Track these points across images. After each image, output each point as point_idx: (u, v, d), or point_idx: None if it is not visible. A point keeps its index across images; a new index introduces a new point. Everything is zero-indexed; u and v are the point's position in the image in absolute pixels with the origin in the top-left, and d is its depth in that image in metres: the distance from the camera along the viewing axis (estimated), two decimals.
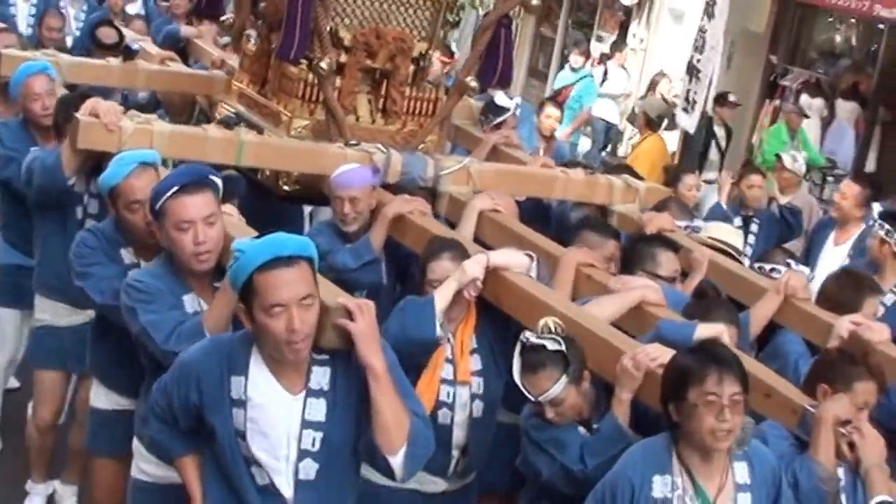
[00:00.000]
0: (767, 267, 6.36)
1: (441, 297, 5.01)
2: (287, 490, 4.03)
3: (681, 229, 6.57)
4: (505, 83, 7.01)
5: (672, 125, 13.54)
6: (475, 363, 5.21)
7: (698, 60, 11.72)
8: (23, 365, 7.01)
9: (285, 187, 6.54)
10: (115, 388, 5.34)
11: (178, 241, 4.57)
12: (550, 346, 4.57)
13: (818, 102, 15.68)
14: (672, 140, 16.24)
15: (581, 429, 4.61)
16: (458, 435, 5.19)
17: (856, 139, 15.26)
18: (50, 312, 6.18)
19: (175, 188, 4.58)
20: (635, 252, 5.87)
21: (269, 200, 6.64)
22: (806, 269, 6.42)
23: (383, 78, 6.71)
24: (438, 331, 4.96)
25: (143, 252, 5.06)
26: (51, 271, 5.98)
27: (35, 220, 6.11)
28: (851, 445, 4.50)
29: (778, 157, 10.79)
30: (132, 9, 12.72)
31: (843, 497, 4.68)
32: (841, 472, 4.62)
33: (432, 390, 5.13)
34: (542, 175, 6.87)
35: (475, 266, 5.08)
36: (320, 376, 4.01)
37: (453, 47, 15.96)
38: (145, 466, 4.75)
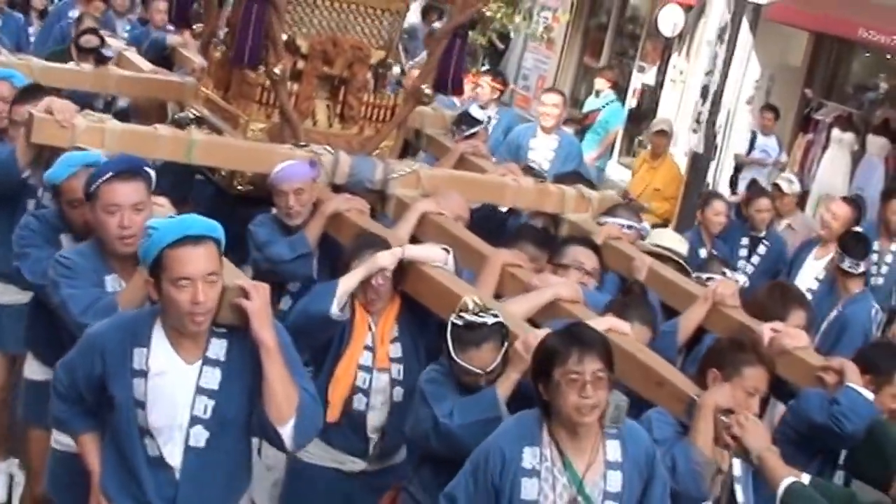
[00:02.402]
0: (704, 276, 6.66)
1: (346, 281, 5.44)
2: (176, 457, 4.39)
3: (625, 229, 6.94)
4: (456, 92, 7.35)
5: None
6: (395, 350, 5.60)
7: (709, 82, 11.97)
8: None
9: (239, 187, 6.99)
10: (48, 361, 5.58)
11: (105, 224, 5.00)
12: (490, 320, 4.94)
13: (849, 137, 15.81)
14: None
15: None
16: (374, 419, 5.57)
17: (885, 175, 15.36)
18: (8, 294, 6.53)
19: (109, 174, 5.02)
20: (552, 251, 6.25)
21: (231, 204, 7.04)
22: (742, 278, 6.71)
23: (342, 84, 7.12)
24: (334, 308, 5.35)
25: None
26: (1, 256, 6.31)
27: None
28: (735, 438, 4.76)
29: (775, 184, 11.18)
30: None
31: (738, 488, 5.00)
32: (737, 463, 4.93)
33: (349, 376, 5.53)
34: (491, 182, 7.22)
35: (387, 256, 5.50)
36: (217, 347, 4.41)
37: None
38: (59, 437, 5.13)
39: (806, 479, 4.73)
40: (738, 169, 15.72)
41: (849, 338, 8.04)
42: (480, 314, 4.93)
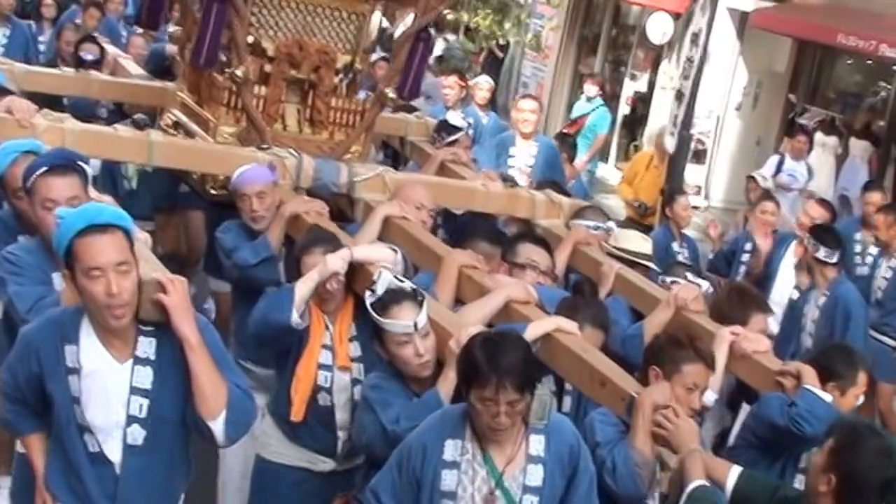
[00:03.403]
0: (668, 280, 6.46)
1: (301, 287, 5.24)
2: (116, 455, 4.22)
3: (591, 229, 6.79)
4: (413, 95, 7.15)
5: None
6: (355, 350, 5.41)
7: (684, 87, 11.78)
8: None
9: (212, 191, 6.81)
10: None
11: (43, 220, 4.79)
12: (406, 285, 4.84)
13: (832, 140, 15.73)
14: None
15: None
16: (342, 417, 5.39)
17: (869, 176, 15.17)
18: None
19: (43, 168, 4.82)
20: (505, 248, 6.07)
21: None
22: (704, 283, 6.54)
23: (311, 89, 6.93)
24: (294, 317, 5.18)
25: None
26: None
27: None
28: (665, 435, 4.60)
29: (751, 176, 11.26)
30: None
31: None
32: None
33: (309, 375, 5.35)
34: (461, 187, 7.05)
35: (337, 260, 5.30)
36: (146, 346, 4.21)
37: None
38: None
39: (736, 472, 4.62)
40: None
41: (855, 319, 8.12)
42: (393, 283, 4.83)
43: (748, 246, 9.69)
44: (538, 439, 4.31)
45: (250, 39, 6.64)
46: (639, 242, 6.81)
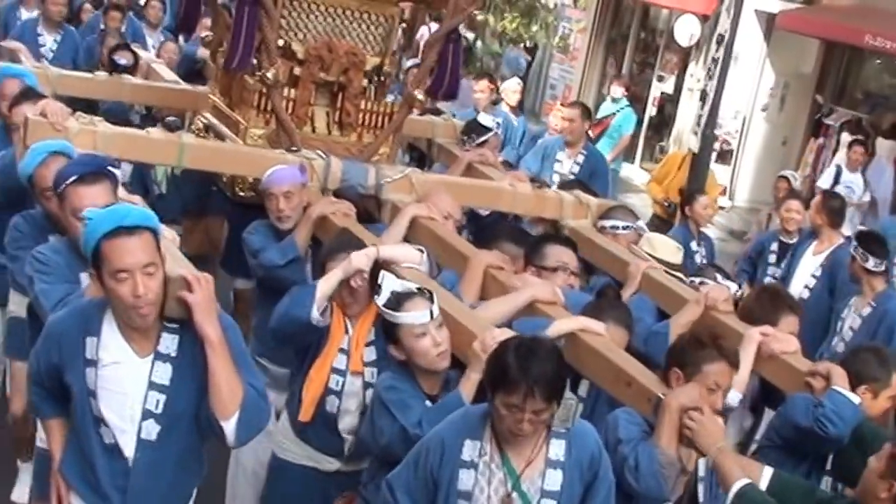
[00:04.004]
0: (697, 281, 6.38)
1: (324, 284, 5.20)
2: (129, 450, 4.19)
3: (621, 229, 6.73)
4: (450, 97, 7.08)
5: None
6: (370, 354, 5.34)
7: (709, 87, 11.73)
8: None
9: (241, 193, 6.79)
10: None
11: (73, 227, 4.75)
12: (410, 285, 4.81)
13: None
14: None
15: (428, 403, 4.71)
16: (347, 420, 5.34)
17: (895, 176, 15.05)
18: (17, 304, 6.33)
19: (74, 177, 4.78)
20: (530, 250, 5.99)
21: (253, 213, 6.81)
22: (732, 285, 6.45)
23: (340, 91, 6.88)
24: (314, 314, 5.13)
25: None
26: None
27: (2, 217, 6.23)
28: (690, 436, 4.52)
29: (783, 176, 11.19)
30: None
31: (700, 488, 4.79)
32: (702, 464, 4.71)
33: (322, 377, 5.30)
34: (488, 188, 6.98)
35: (362, 258, 5.25)
36: (169, 342, 4.18)
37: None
38: (42, 435, 4.89)
39: (768, 473, 4.54)
40: None
41: None
42: (404, 286, 4.79)
43: (774, 246, 9.67)
44: (559, 444, 4.24)
45: (280, 42, 6.59)
46: (671, 251, 6.73)
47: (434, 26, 12.58)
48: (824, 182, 13.75)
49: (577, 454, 4.24)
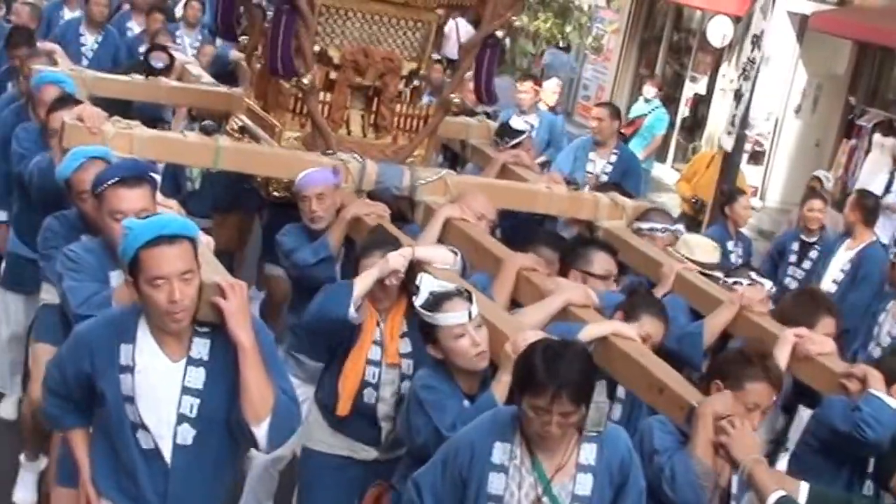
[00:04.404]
0: (731, 281, 6.33)
1: (361, 283, 5.20)
2: (166, 454, 4.18)
3: (658, 231, 6.69)
4: (487, 101, 7.06)
5: None
6: (405, 346, 5.35)
7: (748, 89, 11.66)
8: None
9: (275, 193, 6.79)
10: None
11: (110, 228, 4.78)
12: (449, 286, 4.79)
13: (890, 141, 15.41)
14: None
15: (466, 402, 4.67)
16: (384, 409, 5.34)
17: None
18: (51, 294, 6.25)
19: (115, 179, 4.80)
20: (571, 253, 5.93)
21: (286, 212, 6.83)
22: (767, 283, 6.39)
23: (375, 95, 6.87)
24: (351, 312, 5.13)
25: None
26: None
27: (39, 216, 6.18)
28: (724, 446, 4.43)
29: (816, 176, 11.19)
30: None
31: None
32: (735, 481, 4.57)
33: (357, 371, 5.30)
34: (523, 189, 6.94)
35: (398, 258, 5.26)
36: (201, 346, 4.18)
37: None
38: None
39: (805, 488, 4.41)
40: None
41: None
42: (440, 286, 4.78)
43: (795, 245, 9.67)
44: (590, 448, 4.19)
45: (317, 48, 6.58)
46: (708, 251, 6.68)
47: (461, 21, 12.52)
48: (876, 188, 13.67)
49: (608, 458, 4.19)
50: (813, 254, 9.58)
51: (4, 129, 7.43)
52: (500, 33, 6.95)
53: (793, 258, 9.61)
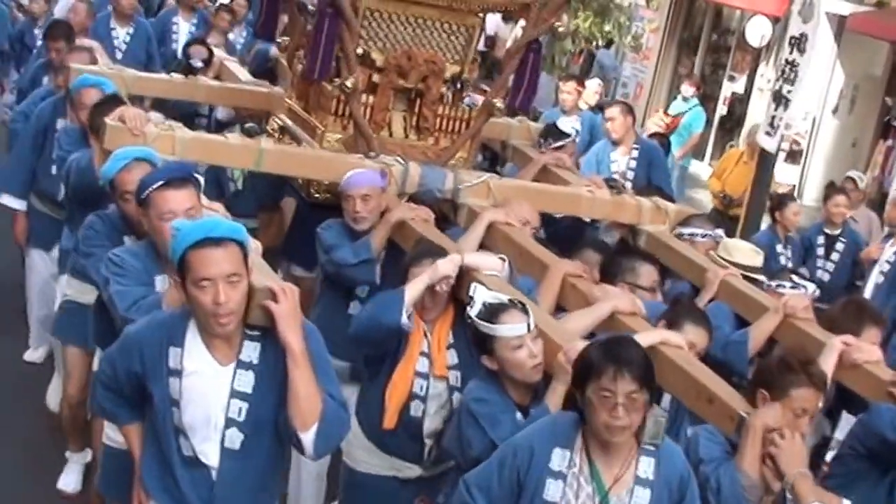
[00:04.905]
0: (774, 284, 6.23)
1: (411, 290, 5.12)
2: (213, 458, 4.13)
3: (699, 237, 6.60)
4: (523, 106, 6.98)
5: None
6: (451, 357, 5.27)
7: (788, 91, 11.50)
8: None
9: (316, 195, 6.72)
10: None
11: (159, 230, 4.73)
12: (503, 297, 4.72)
13: None
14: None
15: (518, 414, 4.59)
16: (430, 425, 5.25)
17: None
18: (76, 289, 6.36)
19: (161, 182, 4.76)
20: (615, 263, 5.86)
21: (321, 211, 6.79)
22: (810, 286, 6.30)
23: (418, 97, 6.79)
24: (403, 319, 5.04)
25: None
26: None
27: (76, 214, 6.25)
28: (771, 458, 4.36)
29: (850, 177, 11.31)
30: None
31: None
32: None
33: (406, 383, 5.21)
34: (566, 193, 6.84)
35: (448, 264, 5.18)
36: (251, 350, 4.12)
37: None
38: (111, 432, 4.92)
39: None
40: None
41: None
42: (495, 297, 4.72)
43: (820, 239, 9.81)
44: (648, 461, 4.12)
45: (360, 51, 6.51)
46: (750, 255, 6.58)
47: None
48: None
49: (666, 474, 4.13)
50: (839, 246, 9.86)
51: (40, 122, 7.46)
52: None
53: (820, 251, 9.81)
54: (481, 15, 6.89)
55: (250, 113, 8.00)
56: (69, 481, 6.73)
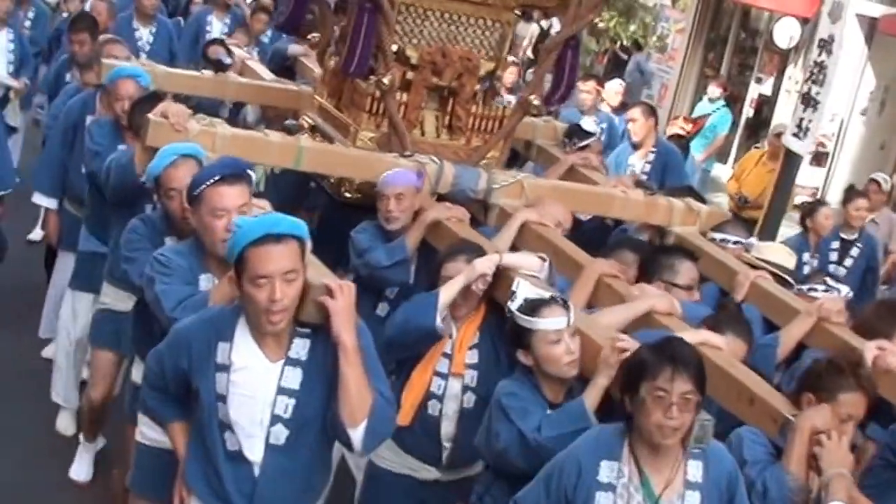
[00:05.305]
0: (806, 287, 6.18)
1: (447, 291, 5.09)
2: (257, 454, 4.13)
3: (731, 244, 6.54)
4: (560, 102, 6.93)
5: None
6: (472, 357, 5.23)
7: (817, 93, 11.43)
8: None
9: (347, 194, 6.68)
10: None
11: (210, 226, 4.72)
12: (545, 293, 4.68)
13: None
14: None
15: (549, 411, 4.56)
16: (447, 427, 5.23)
17: None
18: (112, 297, 6.37)
19: (216, 178, 4.75)
20: (653, 261, 5.80)
21: (346, 212, 6.79)
22: (844, 288, 6.23)
23: (451, 95, 6.74)
24: (438, 321, 5.02)
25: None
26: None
27: (111, 213, 6.29)
28: (815, 457, 4.31)
29: (873, 179, 11.30)
30: None
31: None
32: None
33: (423, 381, 5.20)
34: (598, 193, 6.78)
35: (485, 263, 5.15)
36: (300, 347, 4.12)
37: None
38: (144, 430, 4.92)
39: None
40: None
41: None
42: (536, 292, 4.68)
43: (835, 244, 9.73)
44: (696, 465, 4.09)
45: (394, 47, 6.45)
46: (783, 256, 6.53)
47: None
48: None
49: (715, 476, 4.10)
50: (854, 251, 9.75)
51: (69, 119, 7.45)
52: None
53: (834, 256, 9.70)
54: (517, 11, 6.83)
55: (276, 113, 7.99)
56: (81, 471, 6.77)
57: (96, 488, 6.67)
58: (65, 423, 7.28)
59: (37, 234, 9.84)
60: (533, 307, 4.60)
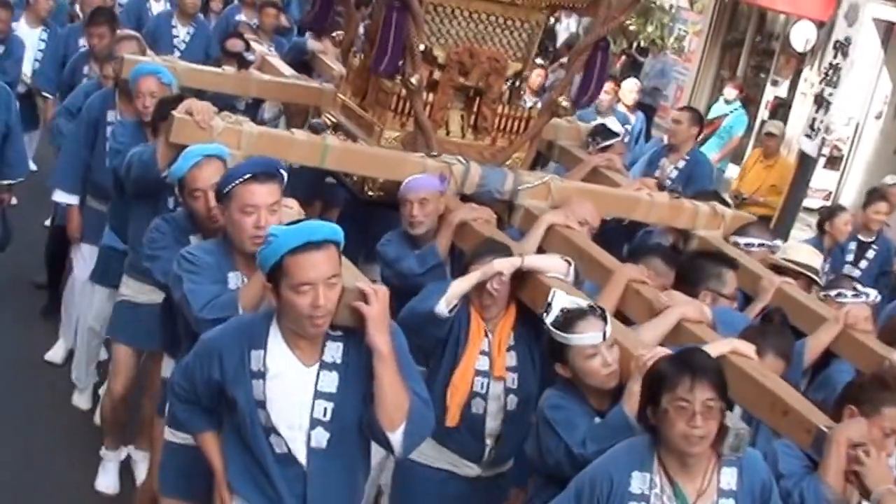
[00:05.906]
0: (833, 293, 6.10)
1: (460, 283, 5.10)
2: (302, 456, 4.12)
3: (755, 247, 6.49)
4: (590, 103, 6.86)
5: None
6: (511, 359, 5.21)
7: (830, 94, 11.40)
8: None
9: (370, 193, 6.63)
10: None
11: (239, 223, 4.68)
12: (582, 303, 4.61)
13: None
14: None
15: (598, 419, 4.50)
16: (491, 425, 5.21)
17: None
18: (132, 289, 6.34)
19: (247, 175, 4.70)
20: (699, 269, 5.72)
21: (367, 208, 6.77)
22: (872, 292, 6.16)
23: (476, 95, 6.68)
24: (440, 306, 5.00)
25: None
26: (140, 254, 6.07)
27: (132, 208, 6.25)
28: (856, 474, 4.26)
29: (885, 182, 11.17)
30: None
31: None
32: None
33: (466, 381, 5.17)
34: (624, 196, 6.72)
35: (504, 262, 5.12)
36: (334, 351, 4.10)
37: None
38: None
39: None
40: None
41: None
42: (573, 303, 4.59)
43: (852, 245, 9.59)
44: (730, 472, 4.05)
45: (421, 47, 6.38)
46: (810, 256, 6.46)
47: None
48: None
49: (749, 483, 4.06)
50: (870, 253, 9.62)
51: (90, 115, 7.40)
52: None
53: (850, 258, 9.56)
54: (545, 11, 6.76)
55: (297, 109, 7.93)
56: (108, 483, 6.70)
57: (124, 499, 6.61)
58: (77, 400, 7.47)
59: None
60: (568, 320, 4.52)
